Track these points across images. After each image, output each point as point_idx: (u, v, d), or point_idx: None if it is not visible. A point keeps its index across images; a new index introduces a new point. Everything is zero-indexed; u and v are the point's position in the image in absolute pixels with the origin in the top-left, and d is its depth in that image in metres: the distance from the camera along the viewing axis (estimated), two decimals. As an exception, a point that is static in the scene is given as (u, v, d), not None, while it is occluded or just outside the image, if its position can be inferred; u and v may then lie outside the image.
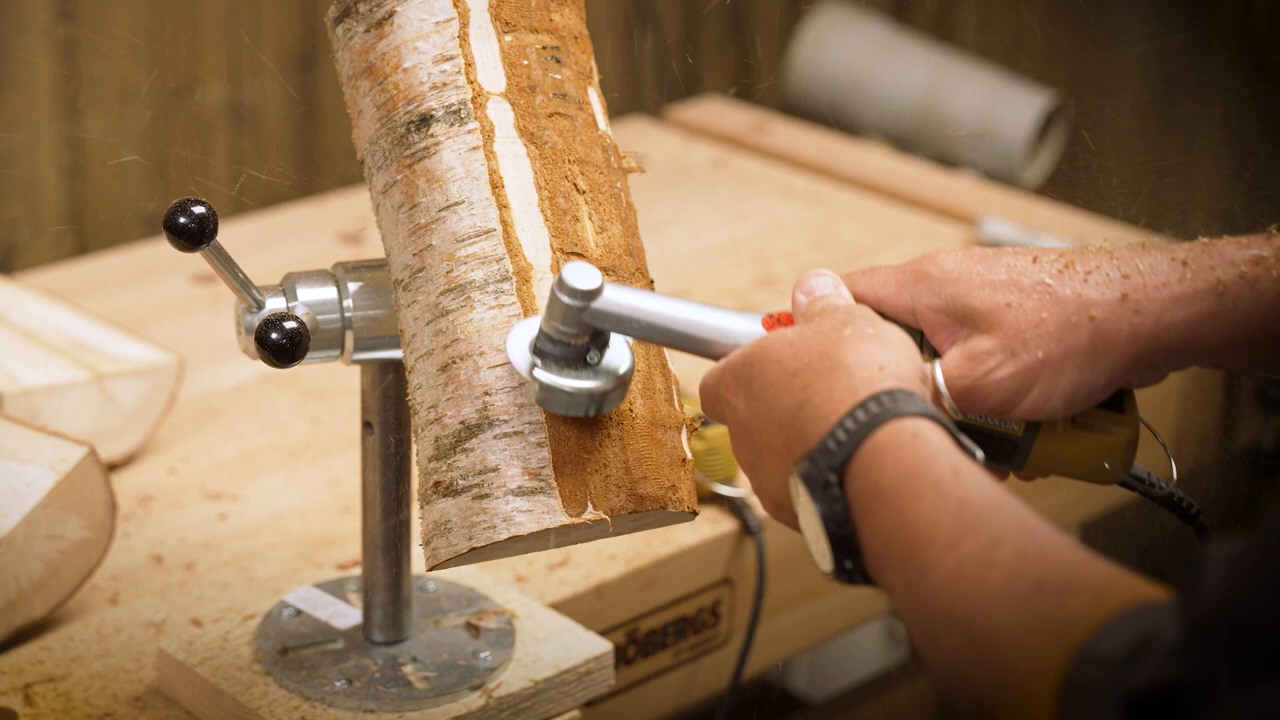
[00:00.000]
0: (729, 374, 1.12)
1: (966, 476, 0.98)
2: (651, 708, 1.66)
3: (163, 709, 1.40)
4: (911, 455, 0.99)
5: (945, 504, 0.96)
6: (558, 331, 1.13)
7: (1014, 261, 1.14)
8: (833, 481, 1.01)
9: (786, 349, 1.08)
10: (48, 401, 1.67)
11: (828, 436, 1.02)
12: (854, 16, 3.21)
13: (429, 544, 1.20)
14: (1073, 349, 1.12)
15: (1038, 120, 3.03)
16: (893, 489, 0.98)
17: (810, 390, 1.05)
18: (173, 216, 1.23)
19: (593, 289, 1.12)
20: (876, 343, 1.06)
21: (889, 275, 1.16)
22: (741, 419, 1.10)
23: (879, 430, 1.01)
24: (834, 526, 1.01)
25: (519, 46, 1.24)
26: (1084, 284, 1.12)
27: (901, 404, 1.01)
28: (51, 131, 2.48)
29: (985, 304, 1.12)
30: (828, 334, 1.07)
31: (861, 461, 1.01)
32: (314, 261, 1.39)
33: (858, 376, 1.04)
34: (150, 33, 2.53)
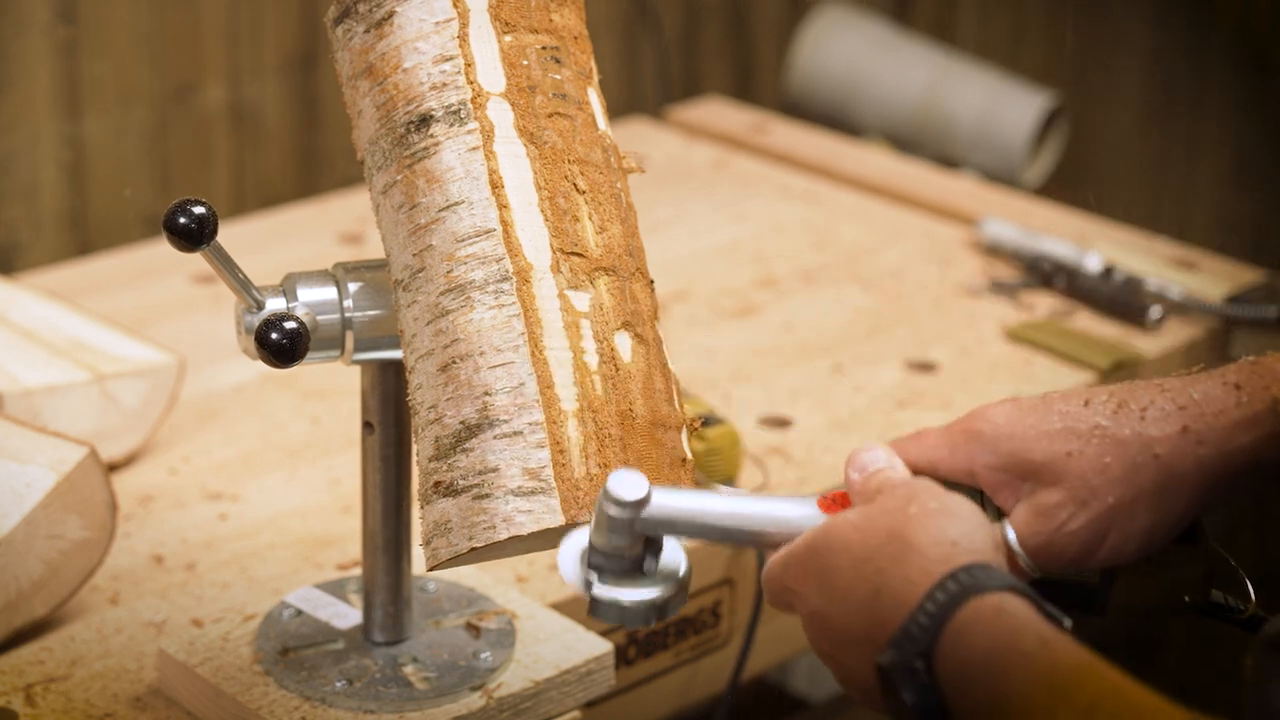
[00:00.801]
0: (794, 564, 1.10)
1: (1055, 646, 0.97)
2: (652, 708, 1.66)
3: (163, 709, 1.40)
4: (997, 631, 0.98)
5: (1036, 676, 0.96)
6: (610, 545, 1.11)
7: (1066, 408, 1.13)
8: (920, 669, 1.00)
9: (853, 534, 1.06)
10: (48, 402, 1.67)
11: (909, 622, 1.01)
12: (854, 16, 3.21)
13: (429, 544, 1.20)
14: (1143, 490, 1.10)
15: (1038, 120, 3.03)
16: (983, 668, 0.98)
17: (884, 575, 1.03)
18: (173, 216, 1.23)
19: (640, 499, 1.09)
20: (945, 517, 1.05)
21: (939, 438, 1.14)
22: (815, 610, 1.09)
23: (961, 609, 1.00)
24: (926, 713, 1.00)
25: (519, 46, 1.24)
26: (1142, 421, 1.11)
27: (980, 579, 1.00)
28: (51, 131, 2.48)
29: (1046, 456, 1.11)
30: (893, 514, 1.06)
31: (948, 643, 1.00)
32: (314, 261, 1.39)
33: (931, 556, 1.02)
34: (150, 33, 2.53)
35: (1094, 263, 2.12)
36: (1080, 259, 2.12)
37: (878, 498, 1.09)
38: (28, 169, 2.48)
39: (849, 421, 1.85)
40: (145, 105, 2.55)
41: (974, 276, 2.17)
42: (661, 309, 1.29)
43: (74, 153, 2.51)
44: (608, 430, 1.19)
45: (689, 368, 1.93)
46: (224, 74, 2.62)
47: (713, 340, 2.01)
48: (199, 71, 2.60)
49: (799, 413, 1.86)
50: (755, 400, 1.88)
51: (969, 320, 2.07)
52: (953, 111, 3.09)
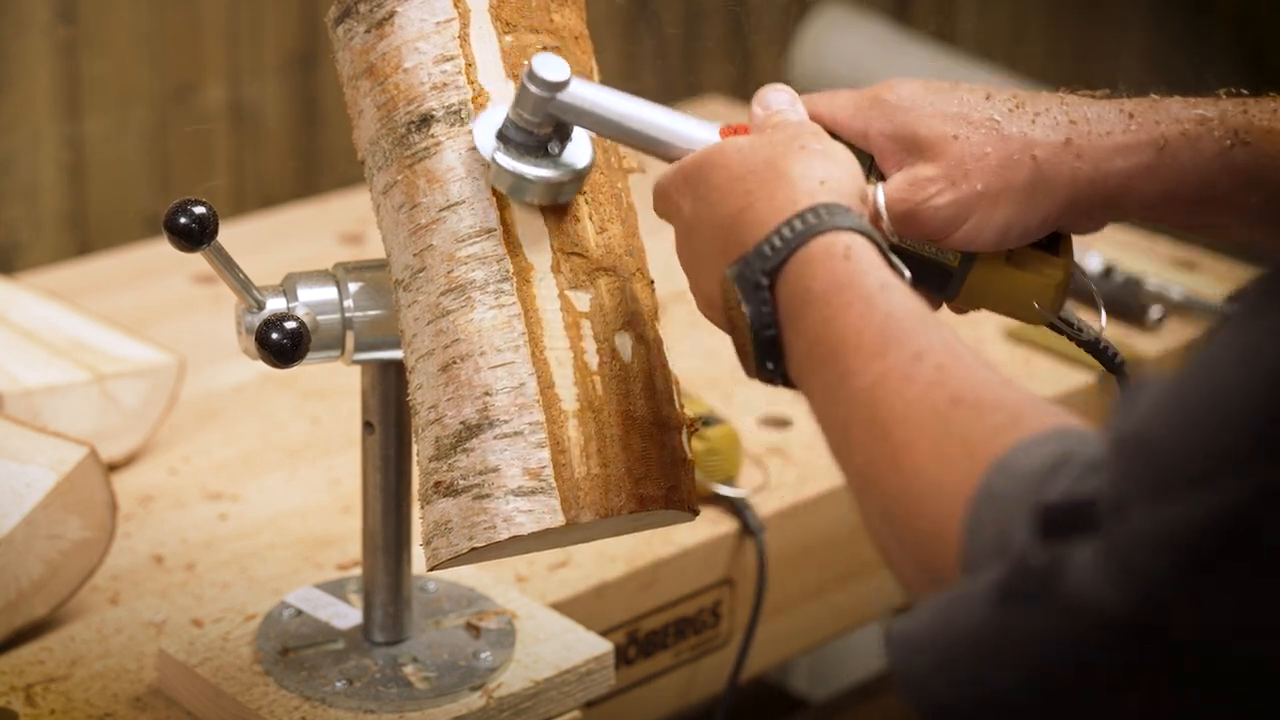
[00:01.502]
0: (679, 175, 1.15)
1: (895, 293, 1.01)
2: (652, 708, 1.66)
3: (163, 709, 1.40)
4: (843, 267, 1.03)
5: (872, 316, 1.00)
6: (523, 120, 1.17)
7: (967, 96, 1.18)
8: (764, 284, 1.04)
9: (735, 155, 1.12)
10: (48, 402, 1.67)
11: (764, 242, 1.05)
12: (855, 16, 3.21)
13: (429, 544, 1.20)
14: (1011, 185, 1.16)
15: (1038, 120, 3.03)
16: (822, 296, 1.02)
17: (752, 197, 1.08)
18: (173, 216, 1.23)
19: (560, 80, 1.15)
20: (821, 158, 1.10)
21: (848, 99, 1.21)
22: (686, 219, 1.14)
23: (814, 240, 1.04)
24: (760, 328, 1.05)
25: (519, 47, 1.24)
26: (1031, 124, 1.17)
27: (838, 218, 1.05)
28: (51, 131, 2.48)
29: (934, 134, 1.17)
30: (776, 145, 1.11)
31: (793, 269, 1.04)
32: (314, 261, 1.39)
33: (800, 188, 1.07)
34: (150, 33, 2.54)
35: (1094, 263, 2.12)
36: (1080, 259, 2.12)
37: (769, 131, 1.15)
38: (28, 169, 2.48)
39: (849, 421, 1.85)
40: (145, 105, 2.55)
41: (974, 276, 2.17)
42: (661, 309, 1.29)
43: (74, 153, 2.51)
44: (608, 430, 1.19)
45: (689, 368, 1.93)
46: (224, 74, 2.62)
47: (713, 340, 2.01)
48: (199, 71, 2.60)
49: (799, 413, 1.86)
50: (755, 400, 1.88)
51: (969, 320, 2.06)
52: (953, 111, 3.09)
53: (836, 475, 1.79)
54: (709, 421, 1.69)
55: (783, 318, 1.04)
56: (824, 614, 1.78)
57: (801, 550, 1.73)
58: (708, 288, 1.12)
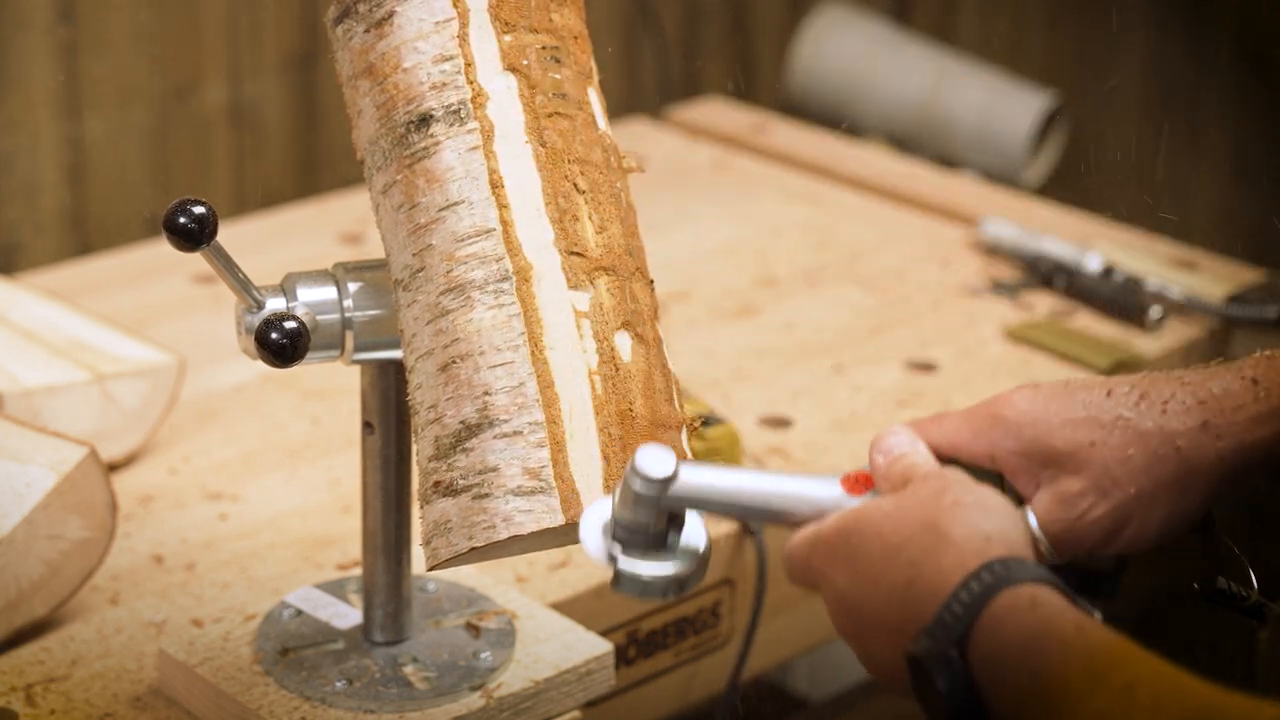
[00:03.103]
0: (822, 545, 1.11)
1: (1090, 631, 0.99)
2: (652, 708, 1.66)
3: (163, 709, 1.40)
4: (1033, 618, 1.00)
5: (1073, 659, 0.97)
6: (635, 519, 1.12)
7: (1089, 398, 1.14)
8: (954, 656, 1.01)
9: (886, 522, 1.08)
10: (48, 402, 1.67)
11: (943, 610, 1.02)
12: (854, 16, 3.21)
13: (429, 544, 1.20)
14: (1163, 481, 1.12)
15: (1038, 120, 3.03)
16: (1018, 653, 0.99)
17: (918, 566, 1.05)
18: (172, 216, 1.23)
19: (668, 476, 1.11)
20: (980, 511, 1.06)
21: (960, 422, 1.15)
22: (843, 593, 1.10)
23: (996, 599, 1.01)
24: (959, 702, 1.01)
25: (519, 46, 1.24)
26: (1163, 414, 1.12)
27: (1015, 571, 1.02)
28: (52, 132, 2.48)
29: (1069, 444, 1.12)
30: (927, 504, 1.07)
31: (982, 632, 1.01)
32: (314, 261, 1.39)
33: (966, 548, 1.04)
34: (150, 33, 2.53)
35: (1094, 263, 2.12)
36: (1080, 259, 2.12)
37: (908, 485, 1.10)
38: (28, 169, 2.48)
39: (849, 421, 1.85)
40: (145, 105, 2.55)
41: (974, 276, 2.17)
42: (661, 309, 1.29)
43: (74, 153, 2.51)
44: (608, 430, 1.19)
45: (689, 368, 1.93)
46: (224, 74, 2.62)
47: (713, 340, 2.01)
48: (199, 71, 2.60)
49: (799, 413, 1.86)
50: (755, 400, 1.88)
51: (969, 320, 2.07)
52: (953, 111, 3.09)
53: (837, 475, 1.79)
54: (709, 421, 1.69)
55: (980, 686, 1.01)
56: (824, 614, 1.77)
57: (801, 550, 1.72)
58: (885, 660, 1.08)
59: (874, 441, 1.14)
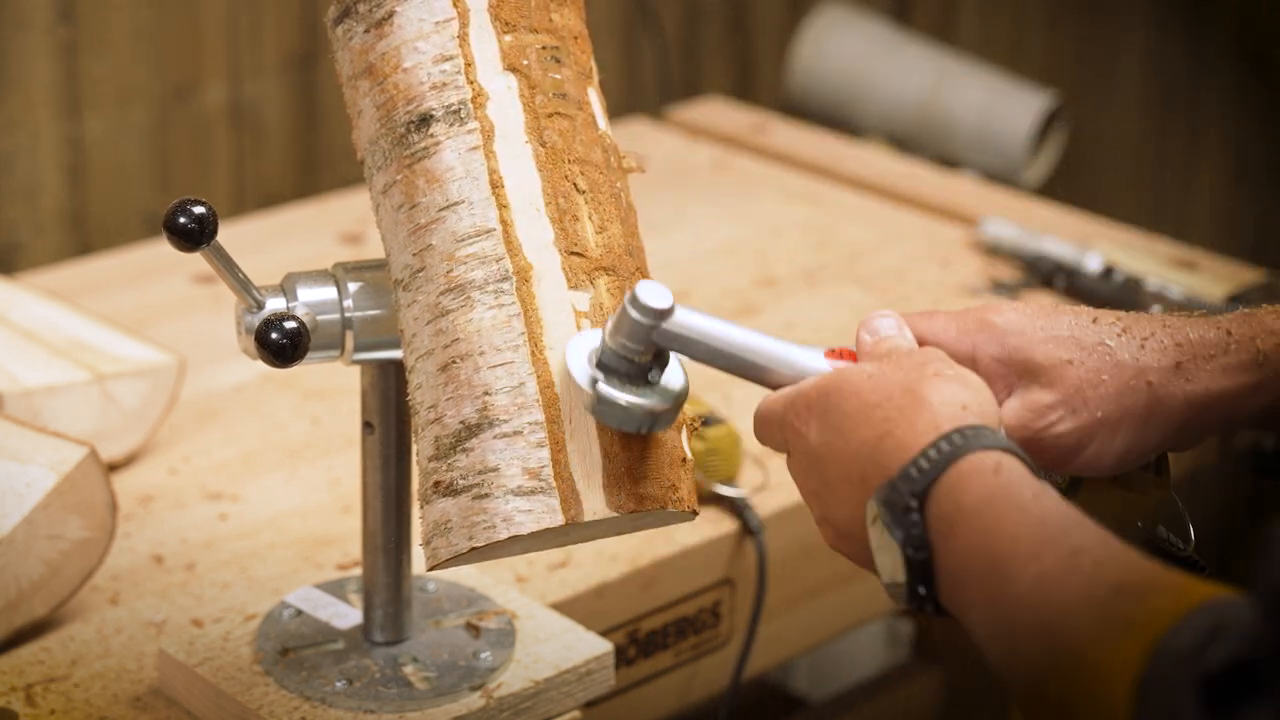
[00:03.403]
0: (800, 401, 1.13)
1: (1047, 499, 1.01)
2: (652, 708, 1.66)
3: (163, 709, 1.40)
4: (994, 480, 1.02)
5: (1027, 521, 0.99)
6: (624, 347, 1.14)
7: (1075, 320, 1.17)
8: (913, 506, 1.03)
9: (866, 381, 1.10)
10: (48, 402, 1.67)
11: (910, 465, 1.04)
12: (854, 16, 3.21)
13: (429, 544, 1.20)
14: (1130, 411, 1.15)
15: (1038, 120, 3.04)
16: (975, 510, 1.01)
17: (892, 423, 1.07)
18: (173, 216, 1.23)
19: (665, 308, 1.13)
20: (959, 383, 1.09)
21: (949, 321, 1.18)
22: (813, 447, 1.12)
23: (962, 460, 1.03)
24: (912, 551, 1.03)
25: (519, 46, 1.24)
26: (1141, 349, 1.16)
27: (985, 438, 1.04)
28: (51, 132, 2.48)
29: (1048, 359, 1.15)
30: (909, 371, 1.10)
31: (943, 488, 1.03)
32: (314, 261, 1.39)
33: (941, 412, 1.06)
34: (150, 33, 2.53)
35: (1094, 263, 2.12)
36: (1080, 259, 2.12)
37: (889, 358, 1.13)
38: (28, 169, 2.48)
39: (849, 421, 1.85)
40: (145, 105, 2.55)
41: (974, 276, 2.17)
42: (661, 309, 1.29)
43: (74, 153, 2.51)
44: (607, 430, 1.19)
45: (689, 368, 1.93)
46: (224, 74, 2.62)
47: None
48: (199, 71, 2.60)
49: (799, 413, 1.86)
50: (755, 400, 1.88)
51: (969, 320, 2.07)
52: (953, 111, 3.09)
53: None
54: (709, 421, 1.69)
55: (934, 537, 1.03)
56: (824, 614, 1.78)
57: (801, 550, 1.73)
58: (842, 516, 1.10)
59: (863, 320, 1.17)
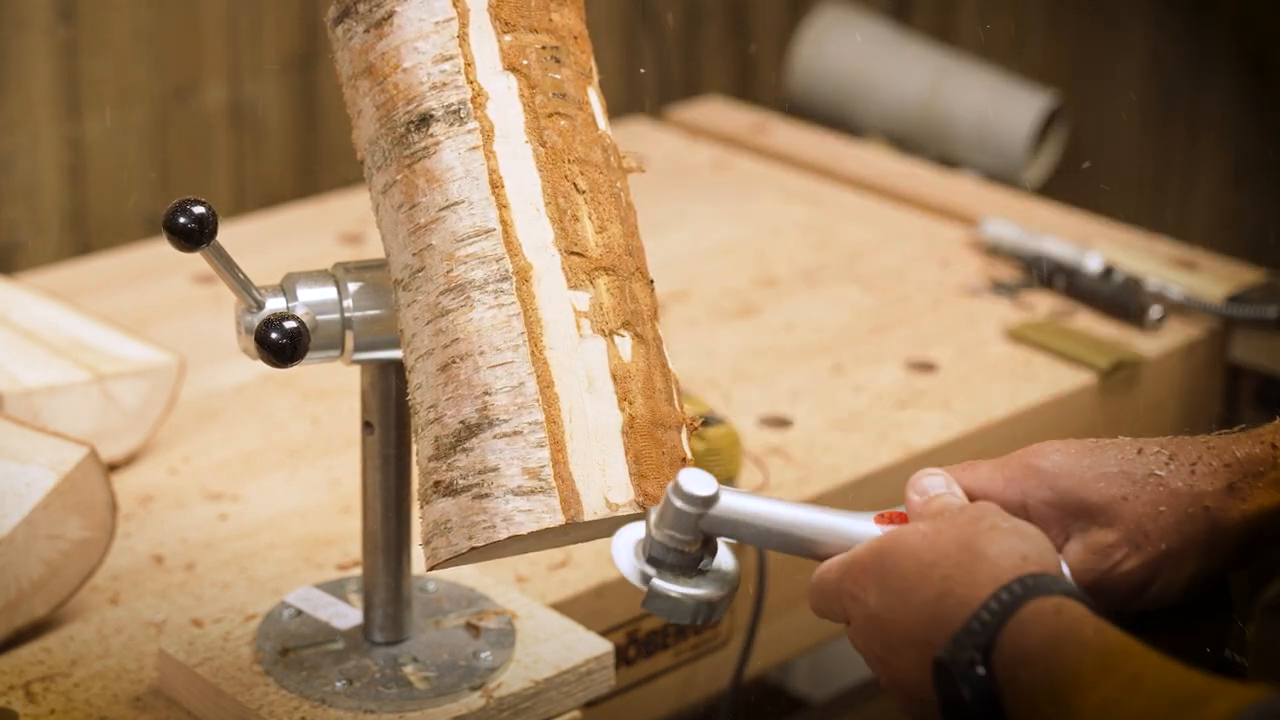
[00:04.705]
0: (855, 568, 1.12)
1: (1108, 633, 1.01)
2: (652, 708, 1.66)
3: (163, 709, 1.40)
4: (1056, 622, 1.02)
5: (1088, 654, 0.99)
6: (672, 539, 1.14)
7: (1121, 455, 1.16)
8: (977, 660, 1.03)
9: (922, 541, 1.09)
10: (48, 402, 1.67)
11: (972, 618, 1.04)
12: (854, 16, 3.21)
13: (429, 544, 1.20)
14: (1192, 539, 1.15)
15: (1038, 120, 3.04)
16: (1037, 653, 1.01)
17: (951, 581, 1.06)
18: (172, 216, 1.23)
19: (710, 495, 1.13)
20: (1015, 535, 1.08)
21: (993, 470, 1.17)
22: (873, 612, 1.11)
23: (1024, 607, 1.03)
24: (979, 707, 1.03)
25: (519, 46, 1.24)
26: (1192, 475, 1.15)
27: (1046, 584, 1.04)
28: (51, 132, 2.48)
29: (1103, 497, 1.15)
30: (964, 527, 1.09)
31: (1008, 636, 1.03)
32: (314, 261, 1.39)
33: (1001, 565, 1.06)
34: (150, 33, 2.54)
35: (1094, 263, 2.12)
36: (1080, 259, 2.12)
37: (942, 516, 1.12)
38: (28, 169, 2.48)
39: (849, 421, 1.85)
40: (145, 105, 2.55)
41: (974, 276, 2.17)
42: (661, 309, 1.29)
43: (74, 153, 2.51)
44: (607, 430, 1.19)
45: (689, 368, 1.93)
46: (224, 74, 2.62)
47: (713, 340, 2.01)
48: (199, 71, 2.60)
49: (799, 413, 1.86)
50: (755, 400, 1.88)
51: (969, 320, 2.07)
52: (953, 111, 3.09)
53: (837, 475, 1.80)
54: (709, 421, 1.69)
55: (1001, 687, 1.03)
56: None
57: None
58: (909, 680, 1.09)
59: (911, 481, 1.16)
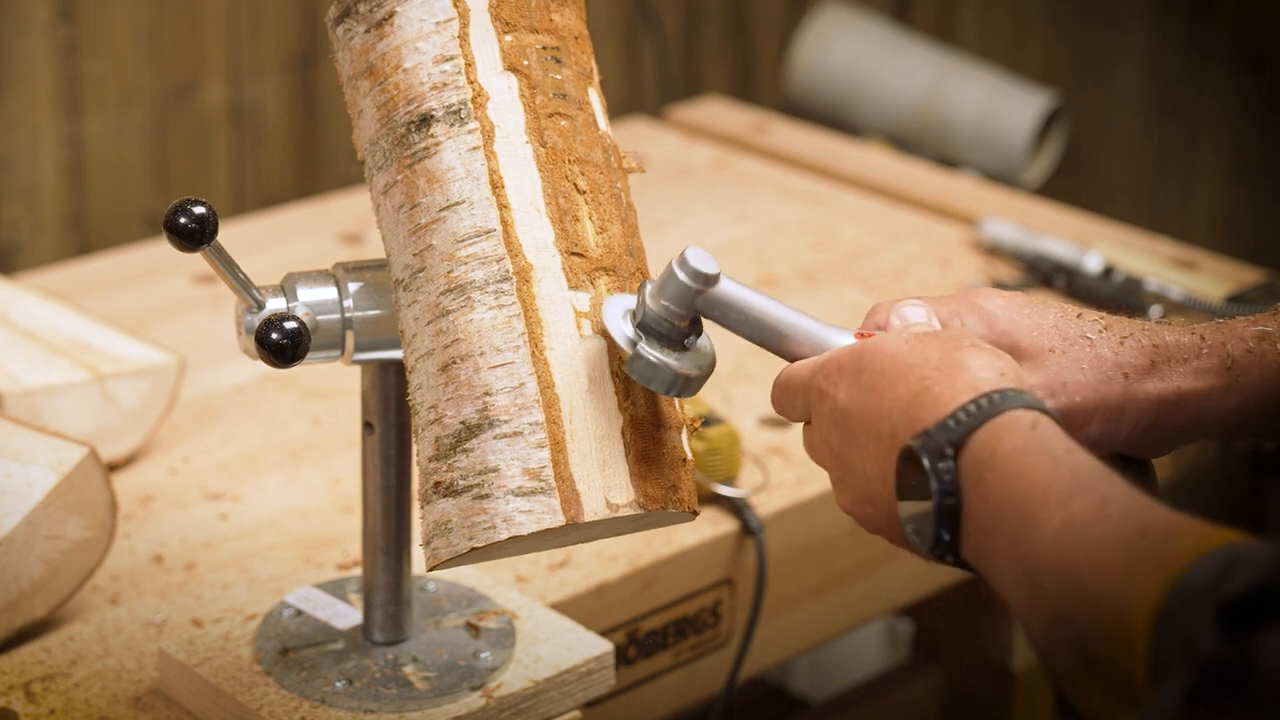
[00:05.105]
0: (830, 364, 1.15)
1: (1079, 455, 1.04)
2: (652, 708, 1.66)
3: (163, 709, 1.40)
4: (1030, 434, 1.05)
5: (1059, 471, 1.02)
6: (667, 310, 1.17)
7: (1060, 313, 1.21)
8: (949, 454, 1.06)
9: (903, 345, 1.13)
10: (48, 402, 1.67)
11: (949, 417, 1.07)
12: (854, 16, 3.21)
13: (429, 544, 1.20)
14: (1104, 402, 1.19)
15: (1038, 120, 3.04)
16: (1008, 458, 1.04)
17: (929, 381, 1.10)
18: (173, 217, 1.23)
19: (713, 274, 1.16)
20: (994, 355, 1.12)
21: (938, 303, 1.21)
22: (840, 406, 1.14)
23: (1001, 415, 1.06)
24: (942, 497, 1.05)
25: (519, 46, 1.24)
26: (1119, 345, 1.20)
27: (1025, 398, 1.07)
28: (51, 131, 2.48)
29: (1033, 345, 1.19)
30: (946, 341, 1.13)
31: (979, 438, 1.06)
32: (314, 261, 1.39)
33: (980, 375, 1.09)
34: (150, 33, 2.54)
35: (1094, 263, 2.12)
36: (1080, 259, 2.12)
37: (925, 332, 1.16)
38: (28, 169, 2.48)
39: (849, 421, 1.85)
40: (145, 105, 2.55)
41: (974, 276, 2.17)
42: (662, 309, 1.29)
43: (74, 153, 2.51)
44: (607, 430, 1.19)
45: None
46: (224, 74, 2.62)
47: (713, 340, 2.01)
48: (199, 71, 2.60)
49: (799, 413, 1.86)
50: (755, 400, 1.88)
51: (969, 320, 2.07)
52: (953, 111, 3.09)
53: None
54: (709, 421, 1.69)
55: (964, 484, 1.05)
56: (824, 614, 1.78)
57: (801, 550, 1.73)
58: (865, 473, 1.13)
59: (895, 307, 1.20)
